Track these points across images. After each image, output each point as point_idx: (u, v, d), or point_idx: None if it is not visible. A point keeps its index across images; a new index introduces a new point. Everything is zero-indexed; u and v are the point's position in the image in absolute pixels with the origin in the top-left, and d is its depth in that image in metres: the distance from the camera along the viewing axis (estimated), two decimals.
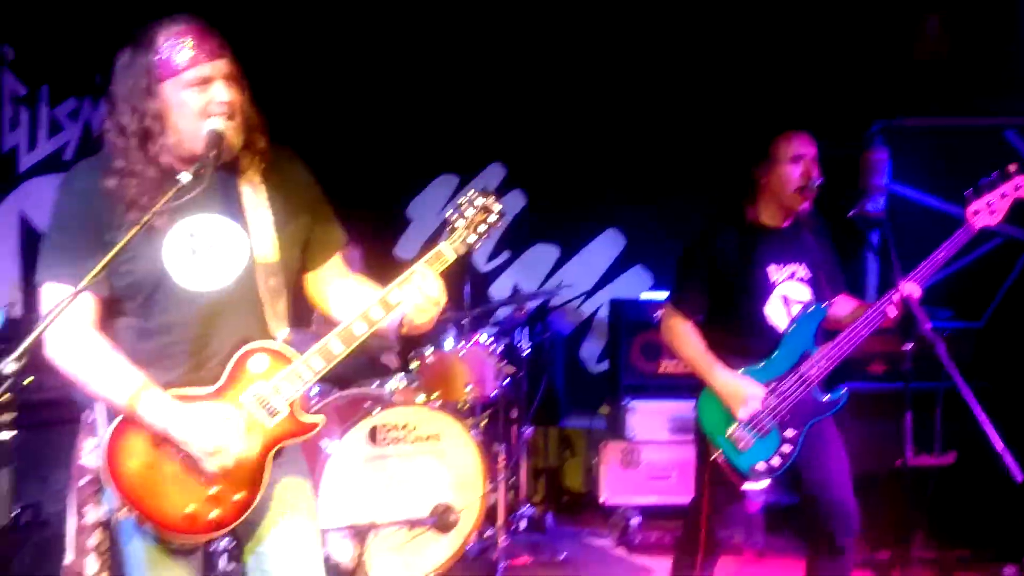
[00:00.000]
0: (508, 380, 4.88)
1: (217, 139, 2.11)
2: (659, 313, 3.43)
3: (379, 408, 4.21)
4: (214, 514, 2.16)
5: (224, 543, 4.18)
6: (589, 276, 6.30)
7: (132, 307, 2.18)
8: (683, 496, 3.93)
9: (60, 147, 4.82)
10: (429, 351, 4.67)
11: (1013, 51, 5.44)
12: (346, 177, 5.60)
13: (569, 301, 6.24)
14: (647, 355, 5.24)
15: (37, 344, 1.84)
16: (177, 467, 2.14)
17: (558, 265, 6.34)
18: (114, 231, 2.10)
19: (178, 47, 2.11)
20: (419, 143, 6.12)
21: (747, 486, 3.19)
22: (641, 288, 6.13)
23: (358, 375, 4.72)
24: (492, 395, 4.75)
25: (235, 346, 2.21)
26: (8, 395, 1.78)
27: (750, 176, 3.28)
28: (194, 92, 2.13)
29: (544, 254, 6.35)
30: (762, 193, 3.26)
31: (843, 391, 3.21)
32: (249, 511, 2.21)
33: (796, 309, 3.21)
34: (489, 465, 4.49)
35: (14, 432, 1.78)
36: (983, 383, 4.58)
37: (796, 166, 3.17)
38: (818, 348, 3.15)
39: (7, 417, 1.77)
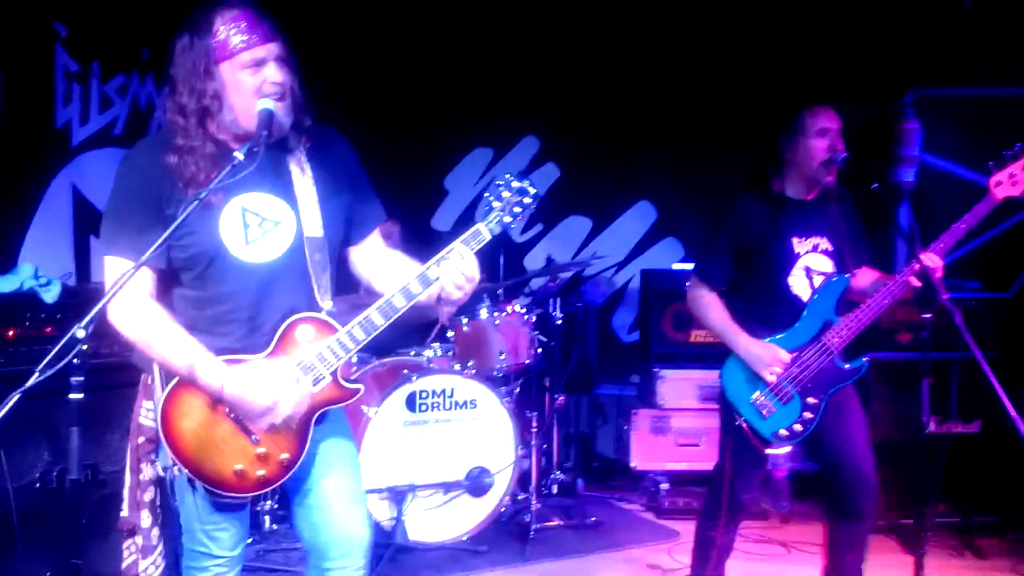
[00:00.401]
0: (541, 349, 5.00)
1: (268, 118, 2.23)
2: (687, 283, 3.52)
3: (416, 375, 4.37)
4: (260, 472, 2.31)
5: (269, 504, 4.42)
6: (621, 248, 6.39)
7: (189, 278, 2.33)
8: (711, 463, 4.02)
9: (110, 122, 4.95)
10: (464, 320, 4.82)
11: None
12: (385, 151, 5.75)
13: (601, 272, 6.34)
14: (677, 325, 5.33)
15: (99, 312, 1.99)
16: (227, 428, 2.29)
17: (591, 237, 6.43)
18: (173, 206, 2.24)
19: (234, 30, 2.24)
20: (455, 118, 6.22)
21: (770, 451, 3.30)
22: (672, 259, 6.20)
23: (396, 344, 4.89)
24: (526, 363, 4.87)
25: (284, 316, 2.34)
26: (78, 359, 1.96)
27: (776, 149, 3.35)
28: (248, 73, 2.26)
29: (577, 226, 6.45)
30: (788, 166, 3.33)
31: (864, 360, 3.28)
32: (293, 470, 2.35)
33: (818, 280, 3.28)
34: (522, 431, 4.64)
35: (82, 394, 1.93)
36: (1009, 354, 4.68)
37: (822, 140, 3.23)
38: (840, 318, 3.22)
39: (77, 379, 1.92)
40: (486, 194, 2.44)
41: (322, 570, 2.47)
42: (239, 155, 2.16)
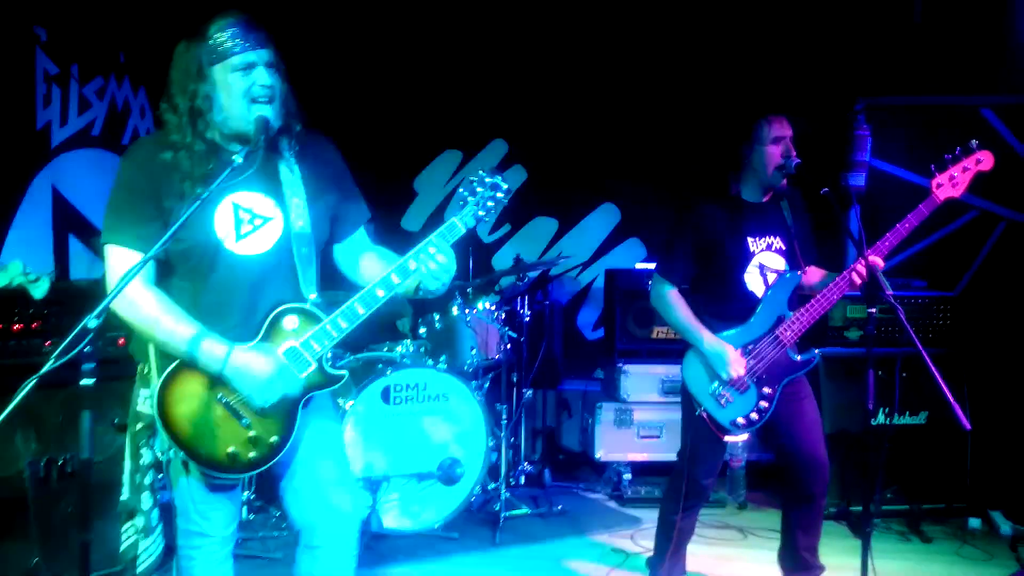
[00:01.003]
0: (510, 345, 5.19)
1: (264, 124, 2.40)
2: (650, 282, 3.71)
3: (391, 370, 4.53)
4: (252, 455, 2.46)
5: (246, 495, 4.55)
6: (586, 248, 6.61)
7: (183, 270, 2.48)
8: (672, 453, 4.20)
9: (89, 123, 5.03)
10: (437, 317, 4.99)
11: (991, 32, 5.66)
12: (356, 153, 5.81)
13: (567, 271, 6.54)
14: (640, 321, 5.51)
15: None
16: (220, 412, 2.43)
17: (557, 237, 6.64)
18: (171, 199, 2.39)
19: (227, 36, 2.41)
20: (425, 121, 6.39)
21: (728, 438, 3.50)
22: (635, 259, 6.42)
23: (372, 340, 5.04)
24: (495, 358, 5.06)
25: (272, 307, 2.49)
26: (90, 347, 2.11)
27: (736, 154, 3.54)
28: (239, 76, 2.42)
29: (544, 227, 6.65)
30: (745, 171, 3.52)
31: (815, 352, 3.51)
32: (282, 453, 2.50)
33: (772, 277, 3.48)
34: (492, 423, 4.82)
35: (93, 380, 2.08)
36: (953, 350, 4.93)
37: (776, 147, 3.42)
38: (792, 312, 3.43)
39: (88, 366, 2.07)
40: (460, 189, 2.60)
41: (312, 547, 2.59)
42: (238, 158, 2.33)
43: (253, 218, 2.50)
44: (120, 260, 2.39)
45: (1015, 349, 5.17)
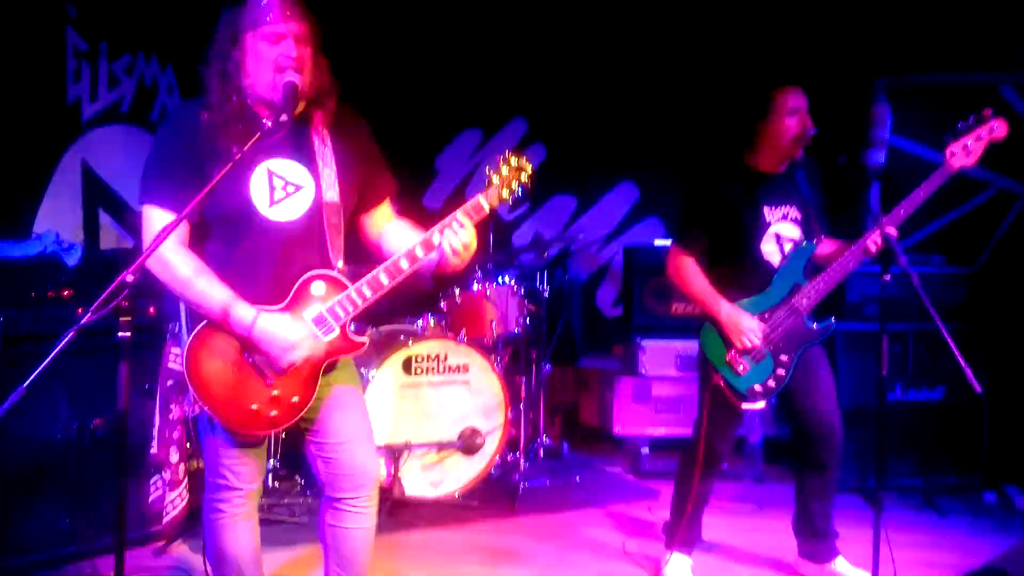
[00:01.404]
0: (528, 319, 5.26)
1: (293, 90, 2.47)
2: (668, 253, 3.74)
3: (412, 341, 4.61)
4: (273, 413, 2.56)
5: (272, 463, 4.65)
6: (605, 226, 6.66)
7: (219, 232, 2.57)
8: (689, 428, 4.28)
9: (118, 99, 5.13)
10: (457, 292, 5.06)
11: (1009, 9, 5.65)
12: (377, 132, 5.92)
13: (586, 246, 6.60)
14: (658, 297, 5.56)
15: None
16: (246, 370, 2.53)
17: (576, 215, 6.70)
18: (210, 160, 2.46)
19: (261, 6, 2.49)
20: (446, 99, 6.44)
21: (746, 406, 3.54)
22: (654, 238, 6.44)
23: (394, 313, 5.13)
24: (514, 332, 5.13)
25: (300, 272, 2.58)
26: (127, 302, 2.19)
27: (751, 126, 3.58)
28: (267, 44, 2.50)
29: (563, 205, 6.71)
30: (761, 142, 3.56)
31: (831, 320, 3.55)
32: (302, 413, 2.60)
33: (788, 246, 3.54)
34: (511, 395, 4.90)
35: (129, 333, 2.18)
36: (971, 325, 4.96)
37: (793, 118, 3.47)
38: (808, 281, 3.49)
39: (127, 319, 2.16)
40: (487, 169, 2.67)
41: (334, 500, 2.71)
42: (267, 122, 2.40)
43: (287, 185, 2.58)
44: (157, 220, 2.47)
45: None
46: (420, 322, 4.96)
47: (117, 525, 2.23)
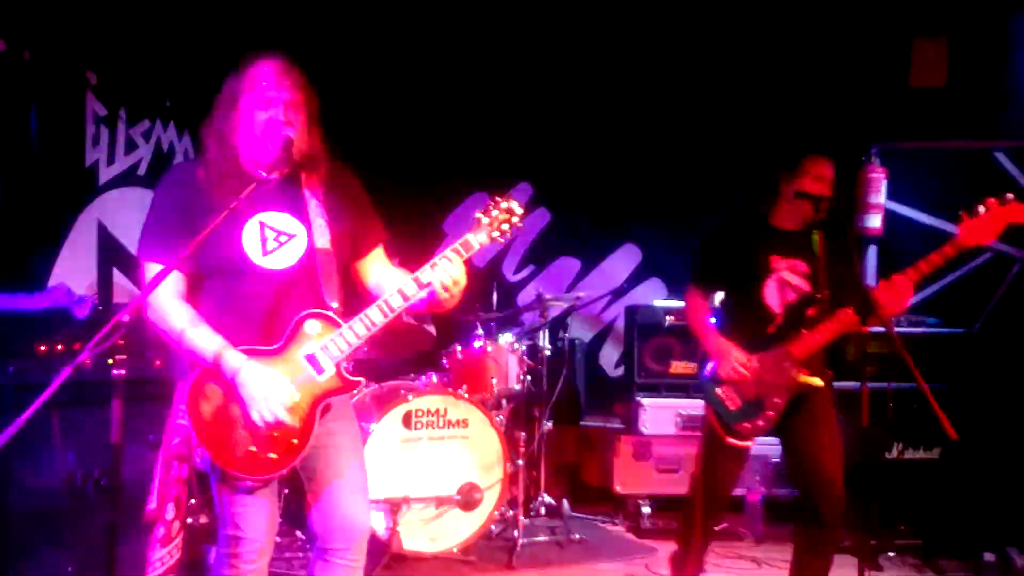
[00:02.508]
0: (530, 377, 5.34)
1: (289, 142, 2.62)
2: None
3: (412, 396, 4.70)
4: (272, 455, 2.58)
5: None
6: (608, 287, 6.76)
7: (216, 282, 2.69)
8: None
9: (135, 163, 5.34)
10: (459, 348, 5.16)
11: (1002, 78, 5.81)
12: (387, 197, 6.07)
13: (586, 304, 6.69)
14: (659, 357, 5.64)
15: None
16: (242, 412, 2.57)
17: (580, 277, 6.82)
18: (201, 214, 2.58)
19: (258, 72, 2.65)
20: (453, 165, 6.63)
21: (732, 441, 3.58)
22: (655, 298, 6.53)
23: (397, 370, 5.24)
24: (515, 389, 5.21)
25: (296, 314, 2.66)
26: (122, 341, 2.31)
27: (774, 183, 3.72)
28: (260, 110, 2.65)
29: (567, 267, 6.84)
30: (781, 199, 3.70)
31: (827, 373, 3.62)
32: (301, 455, 2.62)
33: (791, 295, 3.62)
34: (510, 451, 4.95)
35: (124, 371, 2.28)
36: (968, 385, 5.00)
37: (817, 184, 3.59)
38: (804, 332, 3.54)
39: (121, 357, 2.27)
40: (477, 213, 2.76)
41: (324, 552, 2.74)
42: (262, 172, 2.56)
43: (279, 235, 2.69)
44: (151, 275, 2.58)
45: None
46: (423, 378, 5.05)
47: (107, 564, 2.29)
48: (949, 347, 5.18)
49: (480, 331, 5.25)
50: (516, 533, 4.85)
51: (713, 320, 3.78)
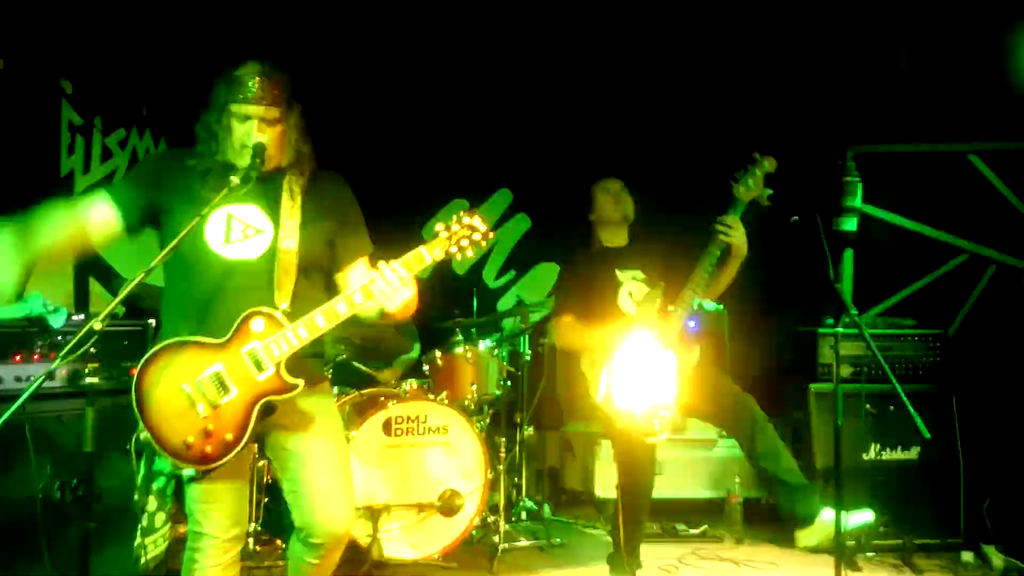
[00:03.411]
0: (510, 382, 5.35)
1: (261, 150, 2.70)
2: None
3: (393, 402, 4.70)
4: (208, 448, 2.61)
5: (254, 527, 4.68)
6: None
7: (181, 269, 2.74)
8: (671, 491, 4.41)
9: (111, 172, 5.32)
10: (439, 354, 5.16)
11: (975, 78, 5.86)
12: (367, 202, 6.12)
13: None
14: None
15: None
16: (182, 400, 2.60)
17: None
18: (169, 191, 2.75)
19: (240, 82, 2.71)
20: (434, 171, 6.64)
21: (650, 440, 3.88)
22: None
23: (376, 379, 5.24)
24: (496, 394, 5.21)
25: (246, 307, 2.69)
26: (95, 348, 2.31)
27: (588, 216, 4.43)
28: (237, 121, 2.72)
29: (547, 273, 6.85)
30: (597, 224, 4.42)
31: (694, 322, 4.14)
32: (236, 450, 2.64)
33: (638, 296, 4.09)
34: (491, 456, 4.96)
35: (97, 378, 2.28)
36: (933, 386, 5.04)
37: (609, 200, 4.41)
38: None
39: (94, 366, 2.27)
40: (437, 225, 2.77)
41: (305, 539, 2.80)
42: (234, 179, 2.61)
43: (245, 228, 2.75)
44: (97, 202, 2.78)
45: (1006, 387, 5.27)
46: (404, 384, 5.04)
47: (83, 568, 2.29)
48: (925, 348, 5.21)
49: (460, 337, 5.25)
50: (497, 539, 4.85)
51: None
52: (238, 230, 2.74)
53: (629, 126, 6.59)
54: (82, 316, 3.94)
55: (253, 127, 2.70)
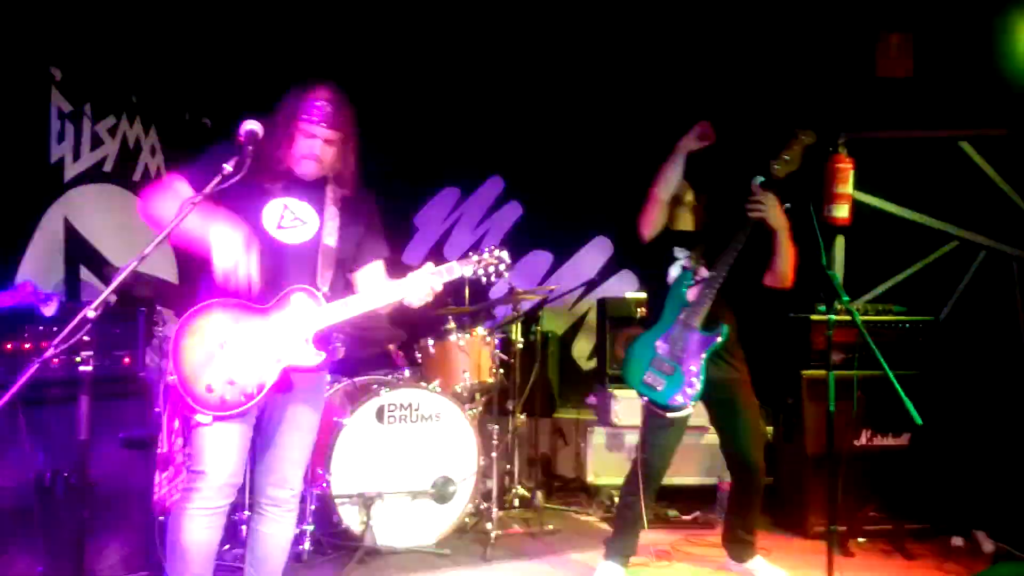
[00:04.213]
0: (502, 370, 5.35)
1: (252, 136, 2.85)
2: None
3: (385, 390, 4.70)
4: (227, 396, 2.90)
5: (247, 514, 4.67)
6: (580, 280, 6.77)
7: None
8: (663, 477, 4.41)
9: (101, 159, 5.27)
10: (431, 342, 5.16)
11: (964, 68, 5.87)
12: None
13: (559, 297, 6.72)
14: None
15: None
16: (216, 352, 2.91)
17: (552, 270, 6.84)
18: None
19: (311, 103, 3.06)
20: (426, 160, 6.63)
21: (672, 415, 4.00)
22: (627, 290, 6.59)
23: (368, 367, 5.23)
24: (488, 382, 5.21)
25: (289, 285, 3.04)
26: (88, 337, 2.30)
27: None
28: (303, 137, 3.07)
29: (539, 260, 6.85)
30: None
31: (722, 327, 4.05)
32: (252, 403, 2.93)
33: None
34: (484, 443, 4.97)
35: (91, 367, 2.27)
36: (927, 373, 5.07)
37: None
38: (691, 303, 4.05)
39: (87, 353, 2.26)
40: (471, 253, 3.17)
41: (258, 505, 3.20)
42: (227, 167, 2.73)
43: (295, 217, 3.12)
44: (180, 187, 3.00)
45: (996, 373, 5.30)
46: (395, 372, 5.04)
47: (77, 556, 2.30)
48: (916, 335, 5.23)
49: (452, 325, 5.25)
50: (490, 525, 4.86)
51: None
52: (289, 218, 3.10)
53: (620, 113, 6.58)
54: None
55: (317, 145, 3.06)
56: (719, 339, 4.02)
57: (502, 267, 3.17)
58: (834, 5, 6.13)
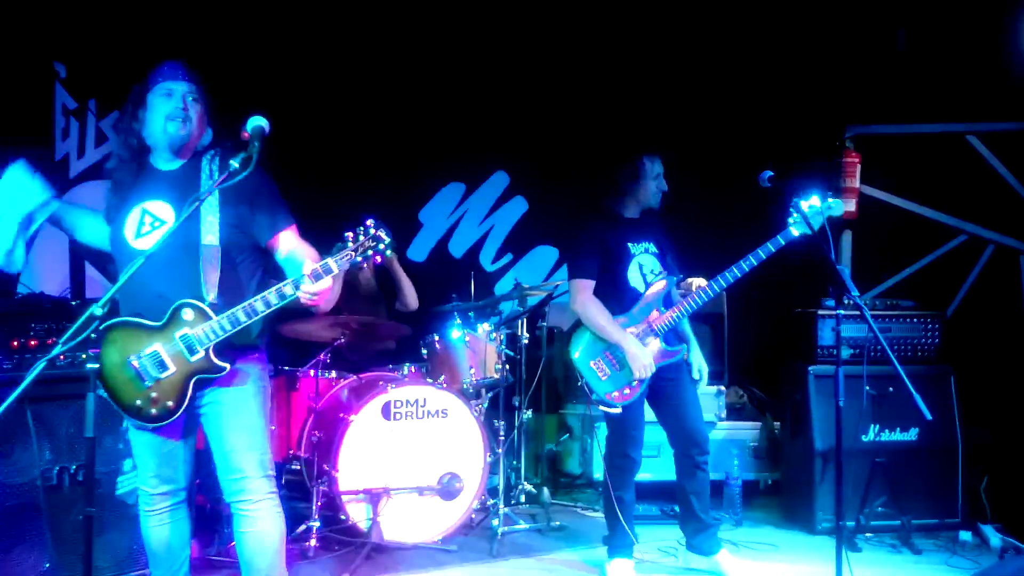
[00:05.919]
0: (508, 366, 5.34)
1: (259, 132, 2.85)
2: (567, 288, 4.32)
3: (391, 386, 4.69)
4: (152, 411, 2.94)
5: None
6: None
7: (116, 260, 3.12)
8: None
9: (105, 156, 5.28)
10: (436, 338, 5.15)
11: (974, 59, 5.85)
12: (365, 187, 6.13)
13: (564, 293, 6.69)
14: None
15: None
16: (132, 372, 2.92)
17: (557, 266, 6.81)
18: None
19: (163, 69, 3.10)
20: (430, 155, 6.61)
21: (601, 408, 4.10)
22: None
23: (374, 364, 5.23)
24: (494, 378, 5.20)
25: (174, 298, 2.94)
26: (95, 335, 2.29)
27: (616, 182, 4.28)
28: (161, 99, 3.03)
29: (544, 256, 6.83)
30: (625, 195, 4.26)
31: (682, 346, 4.16)
32: (175, 415, 2.96)
33: (649, 276, 4.16)
34: (490, 439, 4.96)
35: (98, 364, 2.27)
36: (932, 367, 5.05)
37: (657, 181, 4.27)
38: (665, 309, 4.11)
39: (93, 351, 2.26)
40: (347, 234, 2.96)
41: (231, 507, 3.12)
42: (235, 163, 2.76)
43: (154, 221, 3.03)
44: None
45: (1004, 367, 5.29)
46: (401, 370, 5.03)
47: (85, 554, 2.30)
48: (923, 330, 5.21)
49: (458, 321, 5.24)
50: (497, 522, 4.85)
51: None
52: (148, 224, 3.02)
53: (624, 108, 6.56)
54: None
55: (178, 99, 3.05)
56: (679, 355, 4.13)
57: (381, 246, 2.94)
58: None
